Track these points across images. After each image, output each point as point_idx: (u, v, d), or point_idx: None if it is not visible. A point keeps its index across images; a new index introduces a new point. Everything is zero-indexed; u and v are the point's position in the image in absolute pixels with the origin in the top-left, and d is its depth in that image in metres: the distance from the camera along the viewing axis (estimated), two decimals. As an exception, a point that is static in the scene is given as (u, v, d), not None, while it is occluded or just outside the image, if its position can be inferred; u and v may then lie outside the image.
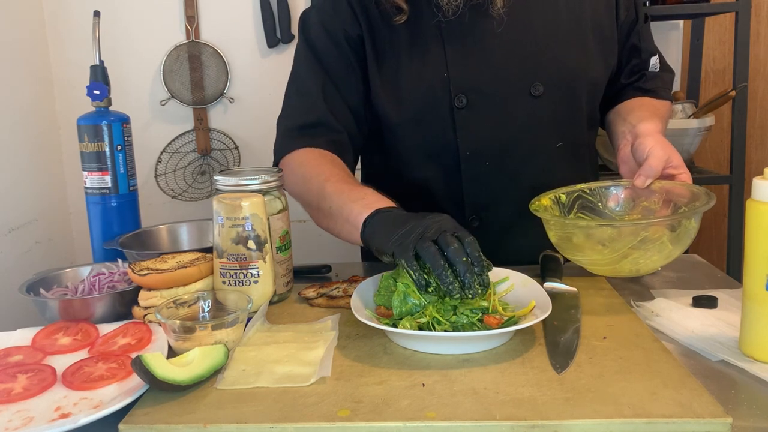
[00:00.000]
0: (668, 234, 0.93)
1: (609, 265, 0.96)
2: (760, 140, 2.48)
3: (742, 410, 0.69)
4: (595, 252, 0.95)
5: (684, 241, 0.94)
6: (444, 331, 0.83)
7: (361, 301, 0.91)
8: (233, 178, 1.00)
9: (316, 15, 1.20)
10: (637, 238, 0.92)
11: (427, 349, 0.83)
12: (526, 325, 0.81)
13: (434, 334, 0.81)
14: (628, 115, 1.18)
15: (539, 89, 1.14)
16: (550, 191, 1.07)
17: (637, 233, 0.92)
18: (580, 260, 0.99)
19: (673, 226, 0.93)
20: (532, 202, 1.03)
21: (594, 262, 0.97)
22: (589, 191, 1.08)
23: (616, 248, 0.93)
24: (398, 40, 1.15)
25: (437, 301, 0.86)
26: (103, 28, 1.28)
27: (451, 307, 0.86)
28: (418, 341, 0.83)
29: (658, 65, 1.28)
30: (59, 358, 0.86)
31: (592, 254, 0.96)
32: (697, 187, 0.99)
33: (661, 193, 1.02)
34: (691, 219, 0.93)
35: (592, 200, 1.08)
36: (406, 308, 0.86)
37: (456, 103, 1.13)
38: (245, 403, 0.72)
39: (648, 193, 1.03)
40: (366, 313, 0.88)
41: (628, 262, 0.94)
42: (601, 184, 1.08)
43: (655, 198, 1.03)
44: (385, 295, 0.91)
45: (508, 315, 0.87)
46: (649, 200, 1.04)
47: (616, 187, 1.07)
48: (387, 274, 0.95)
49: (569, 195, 1.08)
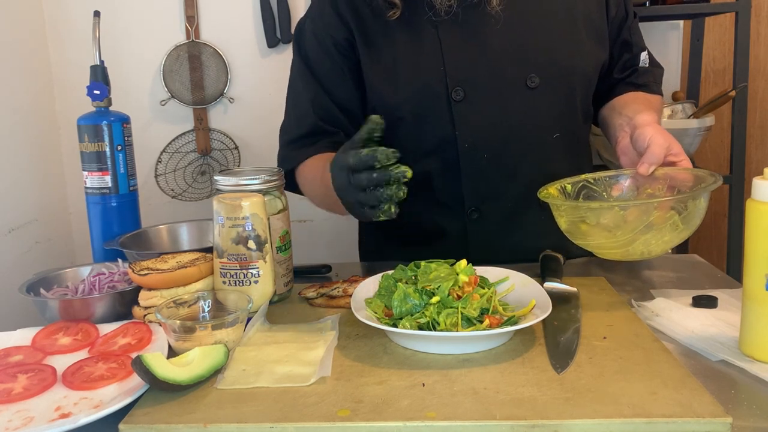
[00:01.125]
0: (677, 216, 0.93)
1: (621, 248, 0.95)
2: (760, 140, 2.48)
3: (742, 410, 0.69)
4: (606, 236, 0.95)
5: (694, 221, 0.94)
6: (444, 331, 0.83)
7: (361, 301, 0.91)
8: (233, 178, 1.00)
9: (309, 24, 1.24)
10: (649, 217, 0.91)
11: (427, 349, 0.83)
12: (526, 325, 0.81)
13: (434, 334, 0.81)
14: (624, 108, 1.18)
15: (535, 81, 1.14)
16: (555, 182, 1.07)
17: (648, 212, 0.91)
18: (590, 245, 0.98)
19: (682, 207, 0.93)
20: (540, 191, 1.03)
21: (604, 245, 0.97)
22: (594, 181, 1.08)
23: (627, 229, 0.93)
24: (393, 36, 1.17)
25: (438, 302, 0.86)
26: (103, 28, 1.28)
27: (452, 308, 0.86)
28: (418, 341, 0.83)
29: (648, 60, 1.29)
30: (59, 358, 0.86)
31: (602, 238, 0.95)
32: (700, 170, 0.99)
33: (665, 180, 1.02)
34: (700, 198, 0.93)
35: (596, 190, 1.08)
36: (406, 308, 0.86)
37: (453, 96, 1.14)
38: (245, 403, 0.72)
39: (651, 181, 1.03)
40: (366, 313, 0.88)
41: (639, 244, 0.94)
42: (605, 173, 1.09)
43: (659, 185, 1.03)
44: (385, 295, 0.91)
45: (508, 315, 0.87)
46: (653, 187, 1.03)
47: (621, 177, 1.07)
48: (387, 274, 0.95)
49: (574, 185, 1.08)
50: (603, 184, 1.08)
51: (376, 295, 0.93)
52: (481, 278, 0.93)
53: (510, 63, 1.14)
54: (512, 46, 1.14)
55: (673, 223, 0.93)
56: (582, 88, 1.21)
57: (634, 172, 1.03)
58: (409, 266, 0.96)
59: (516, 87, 1.15)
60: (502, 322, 0.85)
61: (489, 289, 0.91)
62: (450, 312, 0.85)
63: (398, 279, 0.94)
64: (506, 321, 0.85)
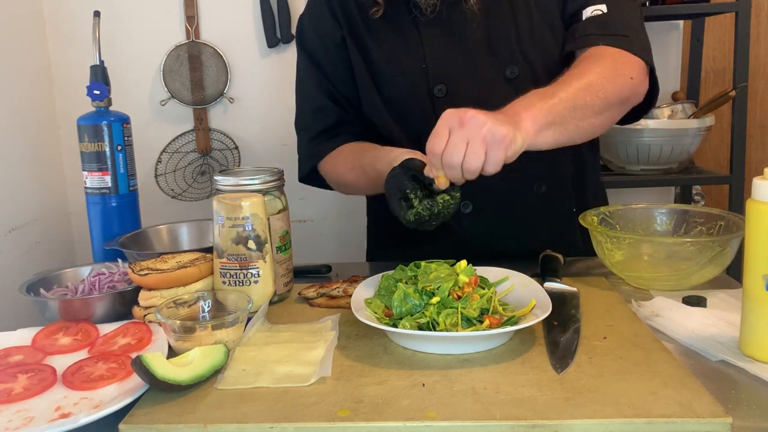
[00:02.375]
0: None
1: (676, 281, 1.01)
2: (760, 140, 2.48)
3: (742, 410, 0.69)
4: (665, 270, 1.00)
5: (735, 248, 0.99)
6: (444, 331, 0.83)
7: (361, 302, 0.91)
8: (233, 178, 1.00)
9: (308, 20, 1.26)
10: (713, 252, 0.96)
11: (427, 349, 0.83)
12: (526, 325, 0.81)
13: (434, 334, 0.81)
14: None
15: (514, 71, 1.15)
16: (585, 212, 1.11)
17: (713, 249, 0.96)
18: (643, 277, 1.02)
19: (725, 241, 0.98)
20: (582, 218, 1.09)
21: (659, 278, 1.01)
22: (610, 214, 1.13)
23: (693, 262, 0.98)
24: (377, 35, 1.19)
25: (438, 302, 0.86)
26: (103, 28, 1.28)
27: (452, 308, 0.86)
28: (419, 341, 0.83)
29: (604, 8, 1.12)
30: (59, 358, 0.86)
31: (660, 271, 1.00)
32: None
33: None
34: None
35: (611, 222, 1.14)
36: (406, 308, 0.86)
37: (436, 92, 1.16)
38: (245, 403, 0.72)
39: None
40: (366, 313, 0.88)
41: (696, 277, 1.00)
42: (618, 207, 1.15)
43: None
44: (385, 296, 0.91)
45: (508, 315, 0.87)
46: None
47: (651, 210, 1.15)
48: (387, 274, 0.95)
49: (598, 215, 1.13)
50: (617, 217, 1.14)
51: (376, 295, 0.93)
52: (481, 278, 0.93)
53: (488, 56, 1.16)
54: (489, 40, 1.16)
55: (724, 254, 0.99)
56: (559, 75, 1.16)
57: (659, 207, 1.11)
58: (409, 266, 0.96)
59: (495, 79, 1.16)
60: (502, 322, 0.85)
61: (489, 289, 0.91)
62: (450, 312, 0.85)
63: (398, 279, 0.94)
64: (506, 321, 0.85)
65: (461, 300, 0.87)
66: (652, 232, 1.13)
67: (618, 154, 2.01)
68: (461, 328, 0.84)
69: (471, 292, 0.88)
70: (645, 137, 1.93)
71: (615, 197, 2.14)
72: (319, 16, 1.23)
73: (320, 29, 1.23)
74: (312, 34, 1.25)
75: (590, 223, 1.07)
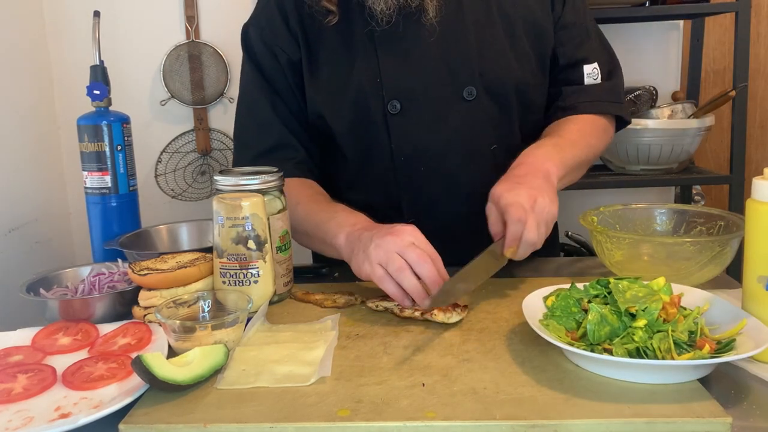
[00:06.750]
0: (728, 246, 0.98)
1: (675, 281, 0.99)
2: (760, 140, 2.48)
3: (742, 410, 0.69)
4: (665, 270, 0.98)
5: (735, 248, 0.99)
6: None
7: (536, 322, 0.82)
8: (233, 178, 1.00)
9: (256, 30, 1.21)
10: (712, 252, 0.96)
11: (636, 379, 0.74)
12: (758, 351, 0.72)
13: (665, 363, 0.72)
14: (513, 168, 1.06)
15: (472, 93, 1.13)
16: (586, 212, 1.10)
17: (713, 249, 0.96)
18: (644, 277, 1.01)
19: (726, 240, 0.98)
20: (581, 218, 1.08)
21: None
22: (609, 213, 1.13)
23: (693, 261, 0.97)
24: (331, 47, 1.16)
25: (645, 325, 0.77)
26: (103, 28, 1.28)
27: (660, 331, 0.77)
28: (637, 370, 0.73)
29: (597, 74, 1.20)
30: (59, 358, 0.86)
31: (660, 271, 0.98)
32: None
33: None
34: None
35: (610, 222, 1.14)
36: (604, 332, 0.78)
37: (389, 108, 1.13)
38: (245, 403, 0.72)
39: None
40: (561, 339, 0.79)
41: (696, 277, 0.98)
42: (617, 207, 1.14)
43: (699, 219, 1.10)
44: (561, 317, 0.84)
45: (716, 337, 0.78)
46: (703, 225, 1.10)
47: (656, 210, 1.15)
48: (564, 292, 0.87)
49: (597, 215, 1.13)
50: (617, 217, 1.14)
51: (547, 316, 0.84)
52: None
53: (446, 75, 1.13)
54: (450, 59, 1.13)
55: (724, 255, 0.98)
56: (519, 99, 1.17)
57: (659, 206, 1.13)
58: (590, 284, 0.87)
59: (453, 99, 1.13)
60: (720, 346, 0.76)
61: (692, 310, 0.82)
62: (662, 337, 0.76)
63: (579, 298, 0.85)
64: (725, 345, 0.76)
65: (670, 323, 0.77)
66: (651, 232, 1.13)
67: (618, 154, 2.01)
68: (675, 354, 0.74)
69: (677, 314, 0.79)
70: (645, 137, 1.93)
71: (615, 197, 2.15)
72: (272, 29, 1.18)
73: (269, 41, 1.18)
74: (260, 46, 1.20)
75: (590, 223, 1.07)
